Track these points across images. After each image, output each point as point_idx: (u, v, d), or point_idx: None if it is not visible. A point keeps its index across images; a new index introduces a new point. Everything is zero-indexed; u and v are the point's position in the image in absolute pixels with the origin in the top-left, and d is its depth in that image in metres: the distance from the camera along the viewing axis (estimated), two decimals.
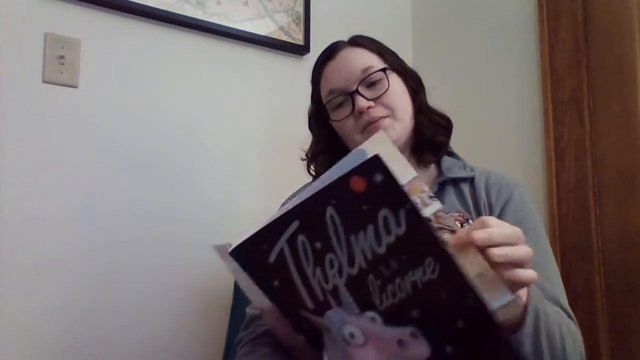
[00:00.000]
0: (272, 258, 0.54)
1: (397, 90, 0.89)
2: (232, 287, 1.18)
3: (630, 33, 1.20)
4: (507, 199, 0.85)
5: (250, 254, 0.55)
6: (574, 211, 1.25)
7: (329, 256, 0.52)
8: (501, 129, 1.45)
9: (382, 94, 0.87)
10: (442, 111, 0.95)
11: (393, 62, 0.91)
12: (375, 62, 0.89)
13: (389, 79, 0.88)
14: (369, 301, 0.53)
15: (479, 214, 0.85)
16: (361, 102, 0.86)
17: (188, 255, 1.24)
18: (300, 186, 0.96)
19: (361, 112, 0.86)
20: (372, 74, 0.87)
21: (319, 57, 0.96)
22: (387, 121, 0.86)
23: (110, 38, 1.19)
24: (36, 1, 1.11)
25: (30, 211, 1.07)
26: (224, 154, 1.34)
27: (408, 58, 1.70)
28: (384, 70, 0.88)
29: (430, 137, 0.91)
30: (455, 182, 0.89)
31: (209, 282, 1.27)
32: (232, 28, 1.35)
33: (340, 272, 0.53)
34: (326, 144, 0.96)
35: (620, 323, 1.16)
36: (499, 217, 0.82)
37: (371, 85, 0.88)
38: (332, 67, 0.92)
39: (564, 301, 0.78)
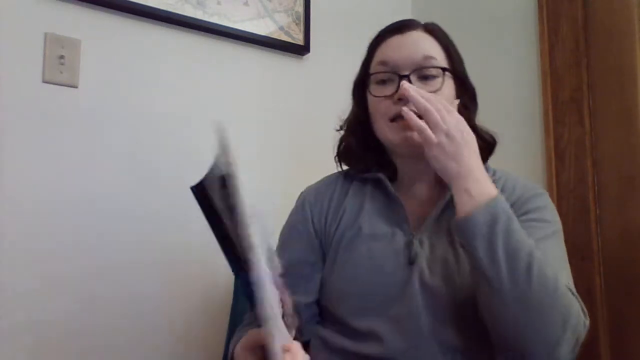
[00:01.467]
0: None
1: (446, 95, 0.82)
2: (231, 287, 1.18)
3: (630, 33, 1.20)
4: (531, 208, 0.81)
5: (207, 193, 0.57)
6: (574, 211, 1.25)
7: None
8: (501, 129, 1.44)
9: (431, 92, 0.79)
10: (488, 130, 0.89)
11: (457, 67, 0.86)
12: (440, 57, 0.83)
13: (444, 82, 0.82)
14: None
15: None
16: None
17: (188, 254, 1.24)
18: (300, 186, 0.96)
19: (400, 99, 0.79)
20: (431, 67, 0.82)
21: (387, 27, 0.88)
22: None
23: (110, 38, 1.19)
24: (36, 1, 1.11)
25: (30, 211, 1.07)
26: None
27: None
28: (443, 69, 0.83)
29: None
30: None
31: (209, 282, 1.27)
32: (232, 28, 1.35)
33: None
34: (362, 118, 0.90)
35: (620, 323, 1.16)
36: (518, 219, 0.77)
37: (424, 78, 0.82)
38: (395, 41, 0.85)
39: (567, 280, 0.73)
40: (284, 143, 1.45)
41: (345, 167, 0.95)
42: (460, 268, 0.77)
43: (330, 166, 0.97)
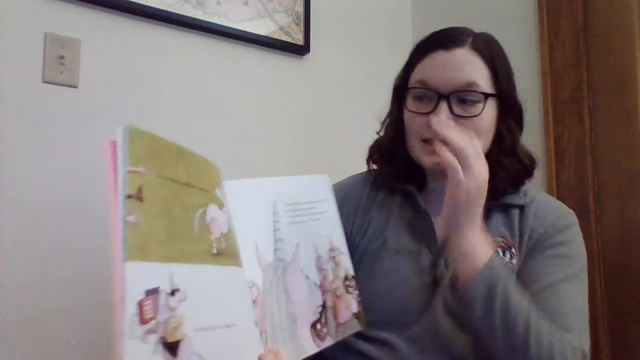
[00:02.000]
0: None
1: (485, 122, 0.79)
2: None
3: (630, 33, 1.20)
4: (559, 241, 0.79)
5: None
6: (573, 211, 1.25)
7: None
8: None
9: (468, 117, 0.77)
10: (529, 151, 0.85)
11: (504, 87, 0.81)
12: (483, 80, 0.79)
13: (486, 107, 0.78)
14: None
15: (521, 243, 0.80)
16: (442, 117, 0.76)
17: None
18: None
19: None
20: (472, 92, 0.77)
21: (434, 35, 0.84)
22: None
23: (110, 38, 1.19)
24: (36, 1, 1.11)
25: (29, 211, 1.07)
26: (223, 154, 1.33)
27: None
28: (486, 96, 0.78)
29: (502, 182, 0.81)
30: (505, 207, 0.83)
31: None
32: (232, 28, 1.35)
33: None
34: (397, 123, 0.87)
35: (620, 323, 1.16)
36: (543, 252, 0.79)
37: (464, 102, 0.78)
38: (439, 58, 0.80)
39: (579, 337, 0.72)
40: (284, 143, 1.45)
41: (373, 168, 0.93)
42: None
43: (330, 166, 0.97)
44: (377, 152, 0.91)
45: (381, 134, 0.92)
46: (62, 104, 1.13)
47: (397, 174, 0.87)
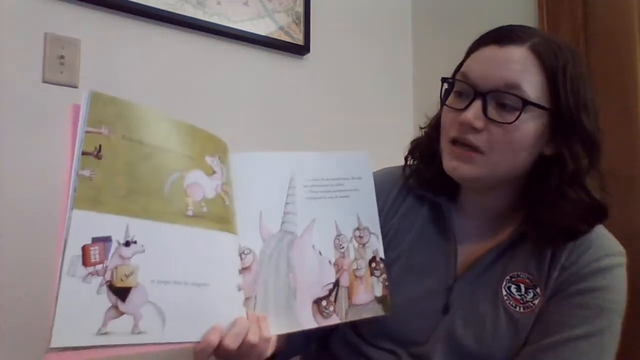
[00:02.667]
0: None
1: (521, 134, 0.68)
2: None
3: (630, 33, 1.20)
4: (590, 287, 0.70)
5: None
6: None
7: None
8: None
9: (499, 122, 0.67)
10: (598, 197, 0.70)
11: (564, 103, 0.68)
12: (532, 87, 0.67)
13: (523, 115, 0.67)
14: None
15: (548, 282, 0.71)
16: (470, 114, 0.68)
17: None
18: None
19: (461, 123, 0.69)
20: (512, 95, 0.67)
21: (495, 29, 0.74)
22: (477, 157, 0.69)
23: (110, 38, 1.19)
24: (36, 1, 1.11)
25: (30, 211, 1.07)
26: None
27: (408, 58, 1.71)
28: (525, 102, 0.67)
29: (566, 217, 0.69)
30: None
31: None
32: (232, 28, 1.35)
33: None
34: (436, 121, 0.79)
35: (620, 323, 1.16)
36: (569, 299, 0.70)
37: (501, 105, 0.68)
38: (488, 52, 0.71)
39: None
40: (284, 143, 1.45)
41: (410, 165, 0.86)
42: (497, 330, 0.71)
43: None
44: (416, 149, 0.83)
45: (425, 130, 0.83)
46: (62, 104, 1.12)
47: (431, 177, 0.79)
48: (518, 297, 0.72)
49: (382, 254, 0.73)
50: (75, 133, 0.52)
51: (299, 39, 1.47)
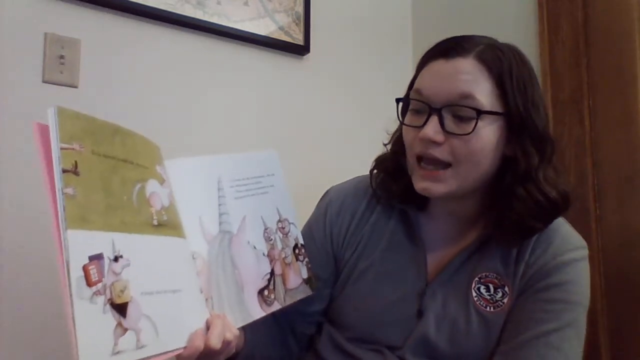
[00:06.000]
0: None
1: (481, 143, 0.70)
2: None
3: (630, 33, 1.20)
4: (555, 282, 0.72)
5: None
6: (573, 211, 1.24)
7: None
8: None
9: (458, 134, 0.69)
10: (565, 187, 0.73)
11: (514, 105, 0.70)
12: (483, 95, 0.69)
13: (480, 123, 0.69)
14: None
15: (514, 280, 0.74)
16: (429, 130, 0.69)
17: None
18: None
19: (422, 140, 0.71)
20: (465, 106, 0.69)
21: (439, 44, 0.75)
22: (445, 174, 0.71)
23: (110, 38, 1.19)
24: (36, 1, 1.11)
25: (30, 211, 1.07)
26: (223, 154, 1.33)
27: (408, 58, 1.71)
28: (478, 112, 0.68)
29: (518, 215, 0.71)
30: None
31: None
32: (232, 28, 1.35)
33: None
34: (399, 138, 0.81)
35: (621, 323, 1.16)
36: (536, 295, 0.73)
37: (458, 118, 0.70)
38: (437, 67, 0.73)
39: None
40: (283, 143, 1.45)
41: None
42: (470, 330, 0.73)
43: (330, 166, 0.97)
44: (382, 164, 0.85)
45: (389, 147, 0.86)
46: (62, 104, 1.12)
47: (398, 191, 0.81)
48: (488, 297, 0.74)
49: (301, 240, 0.79)
50: (48, 152, 0.51)
51: (299, 39, 1.47)
